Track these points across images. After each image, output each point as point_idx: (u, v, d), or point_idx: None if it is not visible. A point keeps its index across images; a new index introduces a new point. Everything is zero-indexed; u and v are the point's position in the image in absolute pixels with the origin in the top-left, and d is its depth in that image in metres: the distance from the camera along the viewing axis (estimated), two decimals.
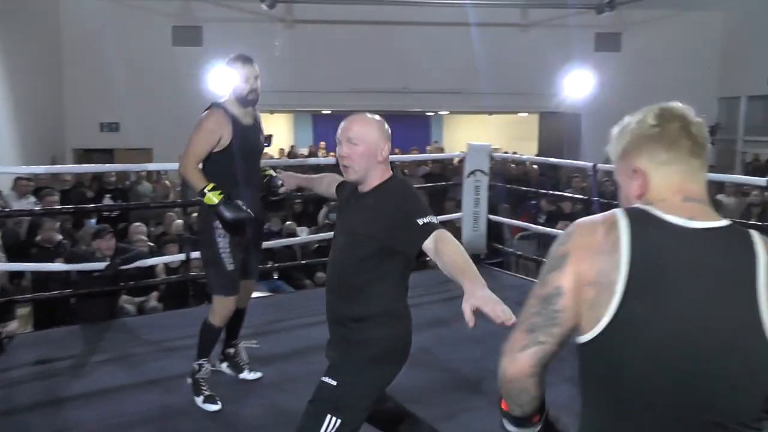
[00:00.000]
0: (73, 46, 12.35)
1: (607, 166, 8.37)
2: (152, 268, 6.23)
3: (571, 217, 9.26)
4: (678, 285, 1.23)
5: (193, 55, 12.40)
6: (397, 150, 15.56)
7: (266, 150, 14.29)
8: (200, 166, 3.47)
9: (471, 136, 14.13)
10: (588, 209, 7.73)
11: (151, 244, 7.00)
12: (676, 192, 1.33)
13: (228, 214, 3.33)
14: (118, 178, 9.91)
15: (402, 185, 2.41)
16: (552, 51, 13.04)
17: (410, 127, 18.88)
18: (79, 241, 7.14)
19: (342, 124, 2.40)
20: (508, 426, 1.52)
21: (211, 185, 3.34)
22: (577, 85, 13.10)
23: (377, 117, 2.47)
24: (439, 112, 17.98)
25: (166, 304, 6.35)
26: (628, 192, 1.41)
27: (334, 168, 6.38)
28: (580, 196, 8.72)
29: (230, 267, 3.48)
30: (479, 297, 1.84)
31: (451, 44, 12.94)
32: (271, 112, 16.62)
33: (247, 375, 3.89)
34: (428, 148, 16.89)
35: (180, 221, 7.55)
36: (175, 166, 5.80)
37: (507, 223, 8.18)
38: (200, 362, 3.58)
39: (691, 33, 14.14)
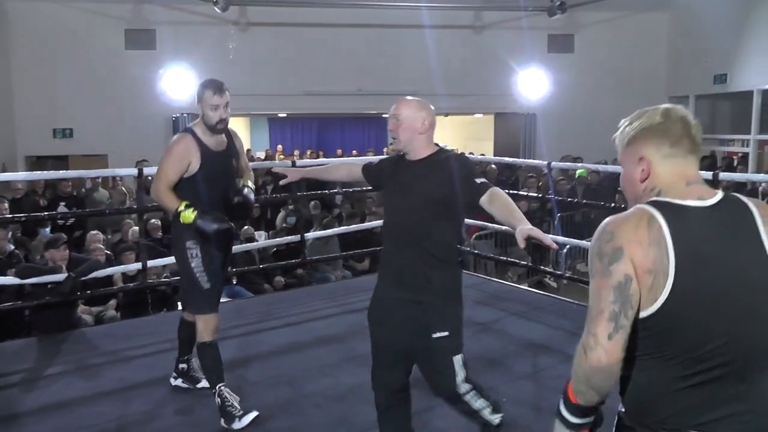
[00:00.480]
0: (22, 50, 12.06)
1: (561, 165, 8.55)
2: (110, 276, 6.16)
3: (528, 215, 9.41)
4: (710, 253, 1.50)
5: (146, 58, 12.24)
6: (354, 152, 15.60)
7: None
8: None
9: None
10: (544, 207, 7.88)
11: (108, 252, 6.92)
12: (679, 179, 1.60)
13: (208, 226, 3.35)
14: (74, 185, 9.74)
15: (455, 154, 2.96)
16: (506, 52, 13.16)
17: (367, 130, 18.95)
18: (33, 251, 7.02)
19: (392, 106, 2.89)
20: (572, 418, 1.64)
21: (184, 204, 3.36)
22: (532, 85, 13.27)
23: (419, 99, 2.94)
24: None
25: (124, 313, 6.28)
26: (632, 175, 1.66)
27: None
28: (536, 195, 8.85)
29: (207, 285, 3.49)
30: (528, 229, 2.43)
31: (405, 46, 12.97)
32: None
33: (205, 383, 3.85)
34: (385, 150, 16.94)
35: (137, 228, 7.47)
36: (131, 171, 5.78)
37: (464, 223, 8.27)
38: (219, 390, 3.51)
39: (640, 34, 14.43)
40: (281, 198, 7.84)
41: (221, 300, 6.58)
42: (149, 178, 9.79)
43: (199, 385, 3.87)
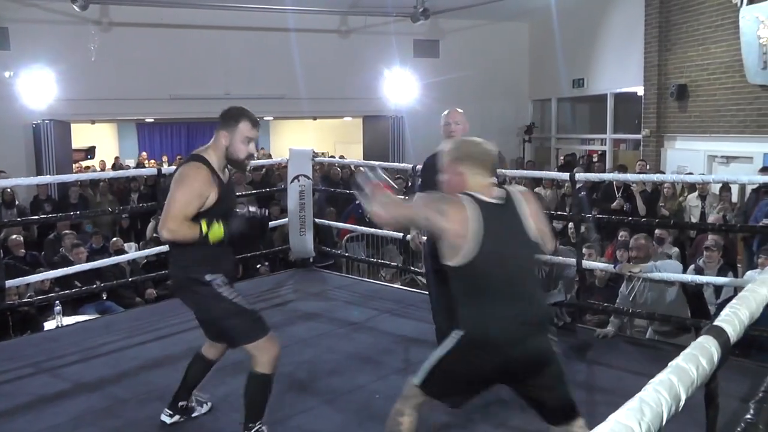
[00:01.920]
0: None
1: None
2: None
3: None
4: (498, 229, 2.45)
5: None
6: None
7: (89, 163, 13.53)
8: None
9: (298, 141, 14.21)
10: None
11: None
12: (483, 186, 2.53)
13: (242, 220, 3.10)
14: None
15: None
16: (372, 57, 13.37)
17: None
18: None
19: (450, 114, 4.32)
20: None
21: (204, 224, 3.01)
22: (399, 89, 13.54)
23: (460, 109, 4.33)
24: (265, 118, 17.83)
25: None
26: (452, 183, 2.59)
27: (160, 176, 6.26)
28: (403, 196, 9.07)
29: (249, 307, 3.16)
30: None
31: (272, 49, 12.89)
32: (92, 122, 15.82)
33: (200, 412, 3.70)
34: (256, 154, 16.78)
35: None
36: None
37: (335, 226, 8.39)
38: (258, 428, 3.22)
39: (501, 41, 15.08)
40: (150, 207, 7.62)
41: (90, 317, 6.43)
42: (8, 190, 9.38)
43: (194, 414, 3.65)
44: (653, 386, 1.29)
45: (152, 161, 16.13)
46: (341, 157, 14.75)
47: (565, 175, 5.68)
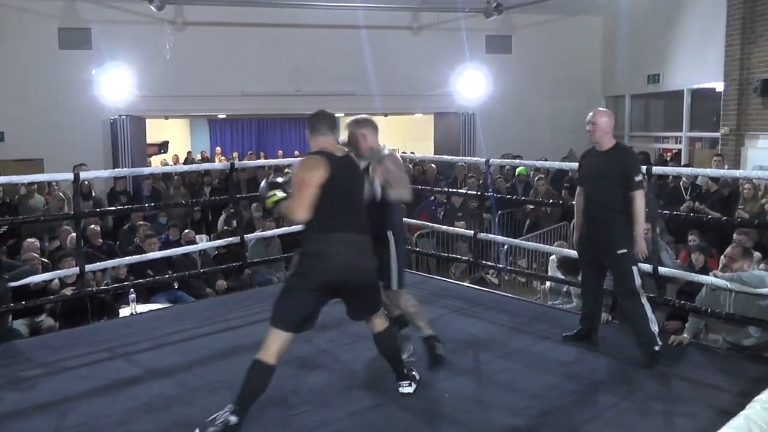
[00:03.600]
0: None
1: (500, 161, 8.69)
2: (47, 285, 6.01)
3: (467, 213, 9.53)
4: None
5: (82, 58, 11.85)
6: (296, 153, 15.53)
7: (162, 157, 13.81)
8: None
9: None
10: (483, 203, 7.99)
11: (45, 260, 6.76)
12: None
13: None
14: (5, 191, 9.44)
15: (628, 149, 4.76)
16: (444, 53, 13.24)
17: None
18: None
19: (591, 115, 4.48)
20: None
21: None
22: (470, 85, 13.33)
23: (606, 109, 4.72)
24: (335, 115, 17.94)
25: (63, 322, 6.12)
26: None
27: (233, 171, 6.28)
28: (475, 192, 8.92)
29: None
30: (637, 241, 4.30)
31: (343, 46, 12.89)
32: (166, 118, 16.22)
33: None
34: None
35: (74, 234, 7.30)
36: (67, 176, 5.60)
37: (406, 222, 8.34)
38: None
39: (575, 36, 14.72)
40: (221, 201, 7.75)
41: (162, 306, 6.57)
42: (86, 182, 9.70)
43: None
44: (761, 404, 1.17)
45: (223, 158, 16.43)
46: (411, 153, 14.66)
47: (642, 168, 5.47)
